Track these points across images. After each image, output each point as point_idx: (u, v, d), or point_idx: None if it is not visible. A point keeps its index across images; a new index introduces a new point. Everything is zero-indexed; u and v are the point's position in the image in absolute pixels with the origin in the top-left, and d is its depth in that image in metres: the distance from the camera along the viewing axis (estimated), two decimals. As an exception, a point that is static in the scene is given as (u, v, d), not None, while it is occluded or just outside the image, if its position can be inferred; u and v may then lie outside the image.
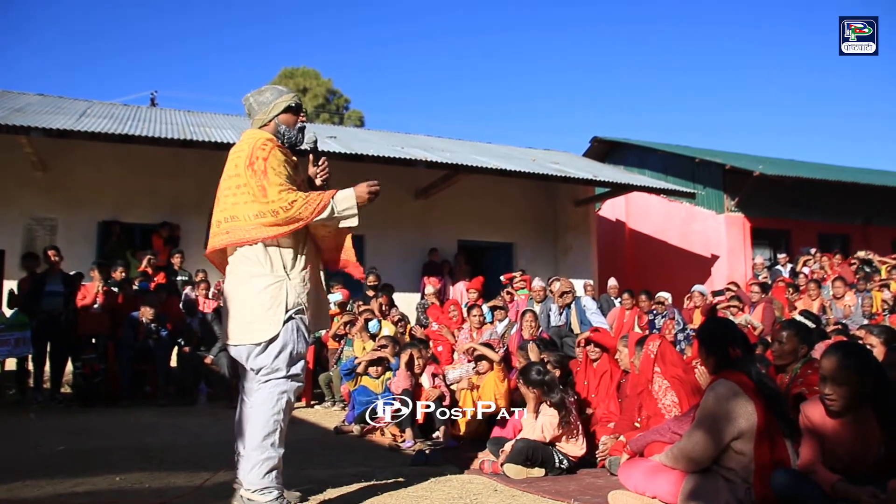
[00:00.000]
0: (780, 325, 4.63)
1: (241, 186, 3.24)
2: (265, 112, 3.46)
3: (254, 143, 3.30)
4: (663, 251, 17.37)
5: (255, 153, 3.24)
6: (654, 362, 4.69)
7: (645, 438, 3.99)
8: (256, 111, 3.47)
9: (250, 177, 3.21)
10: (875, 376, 3.00)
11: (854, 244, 16.14)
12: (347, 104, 34.27)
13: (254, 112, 3.49)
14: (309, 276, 3.38)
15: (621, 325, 9.87)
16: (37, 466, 4.28)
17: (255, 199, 3.19)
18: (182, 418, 7.15)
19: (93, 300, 8.61)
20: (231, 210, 3.26)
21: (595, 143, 19.77)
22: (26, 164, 10.78)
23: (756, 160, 17.22)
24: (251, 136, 3.40)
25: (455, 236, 13.91)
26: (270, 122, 3.47)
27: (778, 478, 3.00)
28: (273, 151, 3.30)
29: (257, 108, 3.47)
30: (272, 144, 3.34)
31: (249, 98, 3.51)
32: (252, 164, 3.22)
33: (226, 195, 3.30)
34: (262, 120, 3.47)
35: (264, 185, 3.18)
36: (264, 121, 3.46)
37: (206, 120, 13.76)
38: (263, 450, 3.11)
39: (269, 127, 3.47)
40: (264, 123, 3.47)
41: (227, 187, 3.31)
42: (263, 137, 3.36)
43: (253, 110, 3.49)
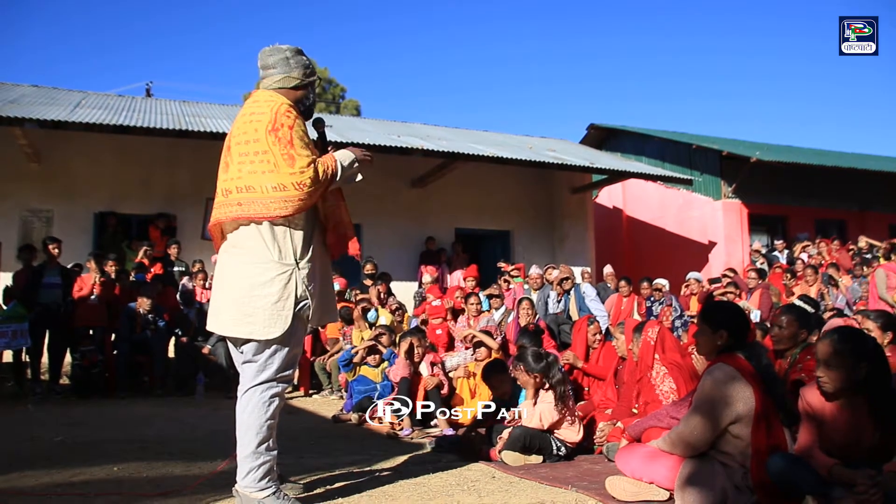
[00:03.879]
0: (780, 309, 4.63)
1: (260, 153, 3.00)
2: (302, 74, 3.23)
3: (277, 108, 3.06)
4: (660, 238, 17.37)
5: (280, 119, 3.02)
6: (654, 349, 4.69)
7: (642, 424, 3.99)
8: (291, 67, 3.21)
9: (272, 144, 2.99)
10: (871, 362, 2.99)
11: (851, 230, 16.16)
12: (344, 93, 34.12)
13: (285, 67, 3.21)
14: (319, 266, 3.22)
15: (619, 312, 9.87)
16: (34, 457, 4.27)
17: (276, 170, 2.97)
18: (180, 409, 7.16)
19: (90, 291, 8.59)
20: (247, 179, 3.01)
21: (592, 131, 19.75)
22: (21, 156, 10.74)
23: (753, 146, 17.21)
24: (270, 98, 3.14)
25: (452, 224, 13.92)
26: (302, 89, 3.24)
27: (775, 462, 3.00)
28: (298, 120, 3.10)
29: (294, 65, 3.21)
30: (296, 112, 3.13)
31: (286, 51, 3.23)
32: (276, 130, 3.00)
33: (240, 161, 3.05)
34: (296, 80, 3.20)
35: (292, 153, 2.98)
36: (298, 82, 3.21)
37: (202, 110, 13.70)
38: (258, 455, 3.04)
39: (299, 93, 3.24)
40: (296, 86, 3.21)
41: (242, 153, 3.05)
42: (286, 103, 3.12)
43: (285, 64, 3.21)
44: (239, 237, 3.11)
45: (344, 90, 34.26)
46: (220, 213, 3.11)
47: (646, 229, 18.01)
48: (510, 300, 9.33)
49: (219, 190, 3.14)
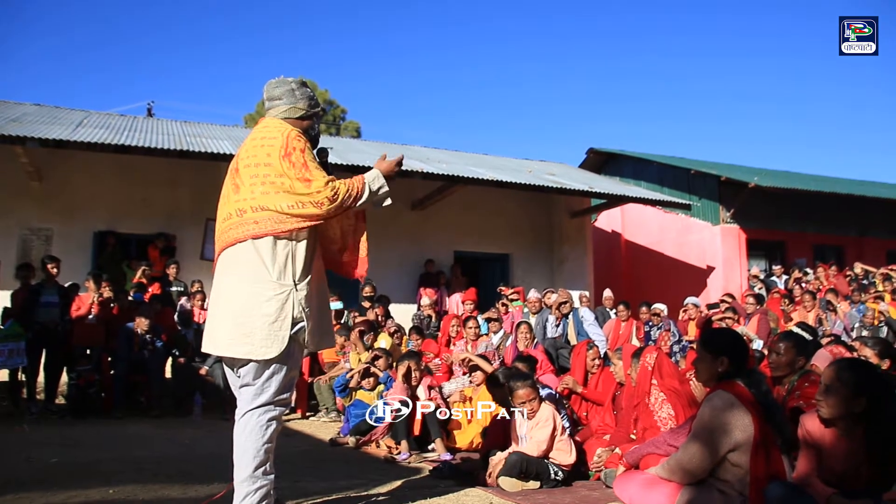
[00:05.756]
0: (778, 336, 4.63)
1: (272, 176, 3.08)
2: (307, 105, 3.33)
3: (287, 133, 3.15)
4: (659, 262, 17.39)
5: (292, 143, 3.11)
6: (651, 375, 4.69)
7: (640, 451, 3.98)
8: (297, 98, 3.30)
9: (287, 168, 3.06)
10: (870, 397, 2.99)
11: (849, 256, 16.20)
12: (344, 115, 34.35)
13: (292, 98, 3.30)
14: (316, 289, 3.23)
15: (617, 337, 9.87)
16: (29, 479, 4.25)
17: (290, 191, 3.05)
18: (177, 430, 7.12)
19: (87, 311, 8.57)
20: (261, 199, 3.07)
21: (591, 155, 19.86)
22: (22, 175, 10.75)
23: (751, 172, 17.29)
24: (281, 125, 3.23)
25: (451, 247, 13.91)
26: (308, 120, 3.33)
27: (773, 490, 2.99)
28: (307, 147, 3.19)
29: (299, 96, 3.31)
30: (305, 139, 3.22)
31: (291, 83, 3.33)
32: (289, 155, 3.08)
33: (252, 183, 3.11)
34: (301, 111, 3.31)
35: (307, 176, 3.06)
36: (304, 113, 3.32)
37: (203, 130, 13.76)
38: (255, 480, 3.02)
39: (305, 123, 3.32)
40: (302, 117, 3.31)
41: (253, 175, 3.11)
42: (295, 130, 3.21)
43: (291, 96, 3.30)
44: (237, 257, 3.11)
45: (344, 111, 34.50)
46: (238, 232, 3.11)
47: (644, 254, 18.03)
48: (508, 324, 9.32)
49: (232, 211, 3.15)
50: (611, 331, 10.12)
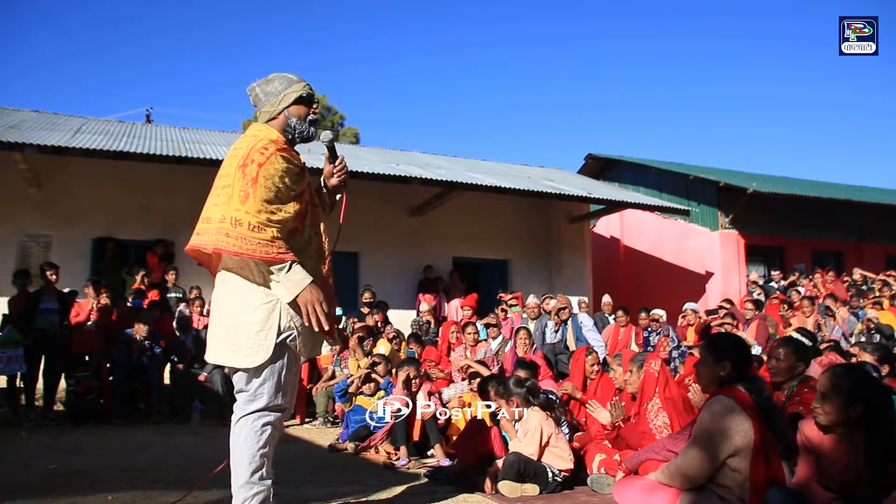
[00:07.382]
0: (778, 342, 4.64)
1: (221, 188, 2.96)
2: (273, 104, 3.15)
3: (253, 144, 2.98)
4: (658, 268, 17.40)
5: (252, 155, 2.93)
6: (657, 382, 4.69)
7: (640, 456, 3.98)
8: (263, 102, 3.16)
9: (237, 179, 2.90)
10: (867, 403, 2.99)
11: (848, 261, 16.22)
12: (343, 121, 34.37)
13: (260, 103, 3.18)
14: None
15: (616, 342, 9.87)
16: (28, 486, 4.24)
17: (228, 203, 2.89)
18: (175, 437, 7.10)
19: (86, 317, 8.57)
20: (208, 210, 3.00)
21: (590, 161, 19.88)
22: (21, 181, 10.75)
23: (750, 177, 17.31)
24: (255, 133, 3.11)
25: (450, 253, 13.91)
26: (279, 116, 3.15)
27: (773, 496, 2.99)
28: (273, 158, 2.95)
29: (264, 98, 3.16)
30: (274, 148, 2.99)
31: (255, 88, 3.20)
32: (244, 167, 2.91)
33: (214, 193, 3.02)
34: (269, 112, 3.15)
35: (248, 192, 2.87)
36: (272, 113, 3.15)
37: (201, 136, 13.77)
38: (252, 486, 2.99)
39: (278, 121, 3.15)
40: (272, 117, 3.15)
41: (216, 185, 3.04)
42: (267, 139, 3.04)
43: (259, 101, 3.18)
44: (229, 263, 3.11)
45: (343, 118, 34.50)
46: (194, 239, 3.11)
47: (643, 259, 18.05)
48: (507, 330, 9.32)
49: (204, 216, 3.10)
50: (610, 336, 10.11)
